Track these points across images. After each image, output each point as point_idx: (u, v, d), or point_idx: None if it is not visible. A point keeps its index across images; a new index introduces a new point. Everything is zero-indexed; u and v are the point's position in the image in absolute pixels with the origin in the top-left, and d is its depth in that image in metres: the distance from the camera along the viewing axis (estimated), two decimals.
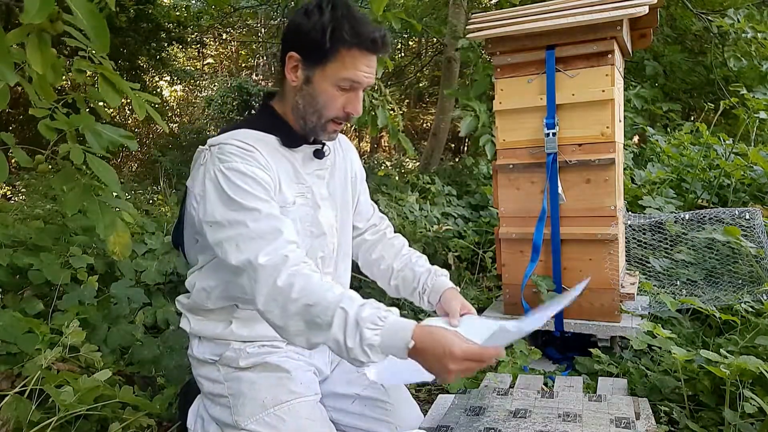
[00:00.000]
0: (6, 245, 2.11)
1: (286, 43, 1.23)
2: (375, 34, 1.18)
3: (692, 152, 4.05)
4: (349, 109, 1.24)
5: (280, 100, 1.30)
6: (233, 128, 1.27)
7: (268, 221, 1.12)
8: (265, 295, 1.06)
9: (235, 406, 1.27)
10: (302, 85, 1.23)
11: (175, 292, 2.68)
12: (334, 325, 1.01)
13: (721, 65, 5.07)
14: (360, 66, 1.19)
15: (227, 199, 1.13)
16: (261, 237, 1.10)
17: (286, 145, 1.27)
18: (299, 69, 1.22)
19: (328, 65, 1.19)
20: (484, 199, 4.41)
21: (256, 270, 1.07)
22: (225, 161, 1.16)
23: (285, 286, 1.05)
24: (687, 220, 2.83)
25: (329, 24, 1.16)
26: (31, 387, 1.48)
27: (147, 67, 8.61)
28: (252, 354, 1.30)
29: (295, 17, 1.22)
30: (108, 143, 1.61)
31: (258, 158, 1.19)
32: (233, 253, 1.10)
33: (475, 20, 2.43)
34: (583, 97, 2.15)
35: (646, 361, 2.03)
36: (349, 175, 1.46)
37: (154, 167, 8.92)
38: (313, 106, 1.23)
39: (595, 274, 2.21)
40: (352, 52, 1.18)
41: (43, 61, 1.27)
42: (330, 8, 1.17)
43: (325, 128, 1.26)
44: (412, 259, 1.51)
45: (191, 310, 1.36)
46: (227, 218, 1.12)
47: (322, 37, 1.16)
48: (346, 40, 1.16)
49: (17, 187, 5.37)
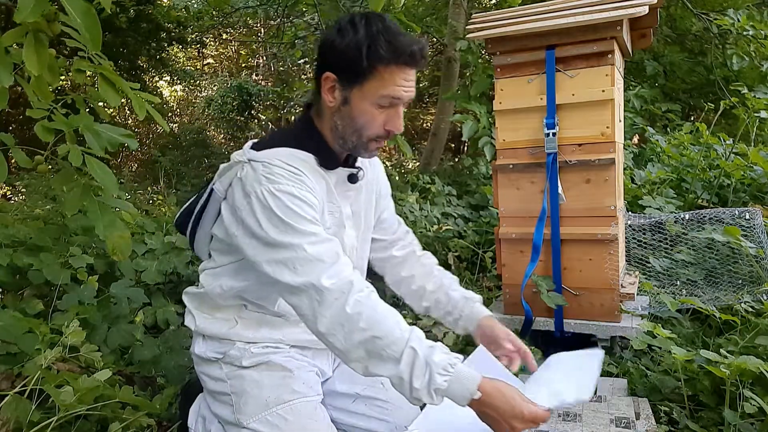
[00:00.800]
0: (6, 245, 2.11)
1: (321, 63, 1.20)
2: (413, 47, 1.14)
3: (692, 152, 4.05)
4: (389, 127, 1.20)
5: (319, 117, 1.27)
6: (273, 144, 1.23)
7: (326, 244, 1.12)
8: (330, 319, 1.06)
9: (237, 405, 1.27)
10: (340, 106, 1.19)
11: (175, 292, 2.68)
12: (402, 362, 1.03)
13: (721, 65, 5.06)
14: (399, 81, 1.16)
15: (279, 222, 1.11)
16: (320, 260, 1.09)
17: (323, 165, 1.25)
18: (336, 89, 1.18)
19: (365, 84, 1.15)
20: (484, 199, 4.41)
21: (321, 293, 1.07)
22: (274, 182, 1.13)
23: (353, 314, 1.05)
24: (687, 220, 2.83)
25: (365, 41, 1.12)
26: (31, 387, 1.48)
27: (147, 67, 8.60)
28: (256, 354, 1.30)
29: (328, 36, 1.18)
30: (107, 142, 1.61)
31: (306, 182, 1.17)
32: (289, 275, 1.09)
33: (475, 20, 2.43)
34: (583, 97, 2.15)
35: (646, 361, 2.03)
36: (374, 194, 1.45)
37: (154, 167, 8.92)
38: (353, 127, 1.20)
39: (595, 274, 2.21)
40: (390, 69, 1.14)
41: (39, 62, 1.27)
42: (364, 24, 1.14)
43: (367, 147, 1.24)
44: (445, 282, 1.50)
45: (198, 306, 1.36)
46: (281, 240, 1.10)
47: (358, 56, 1.12)
48: (384, 56, 1.12)
49: (17, 187, 5.36)
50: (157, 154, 9.50)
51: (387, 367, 1.05)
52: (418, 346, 1.04)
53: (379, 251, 1.55)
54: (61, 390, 1.48)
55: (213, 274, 1.34)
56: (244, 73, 14.11)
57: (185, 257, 2.67)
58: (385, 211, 1.53)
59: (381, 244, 1.54)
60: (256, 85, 11.82)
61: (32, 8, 1.08)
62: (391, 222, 1.55)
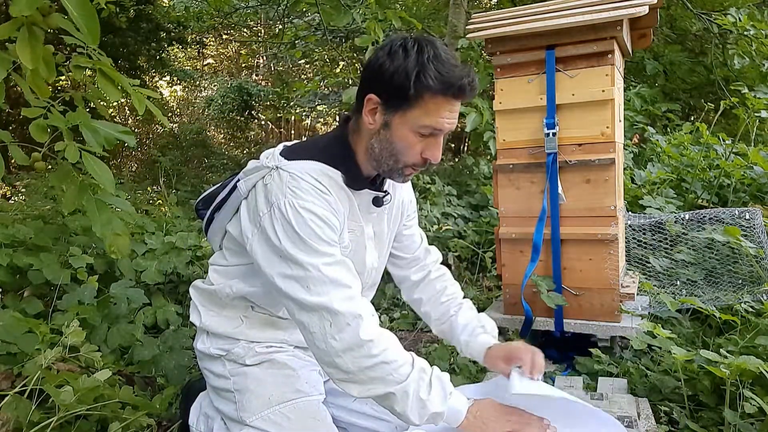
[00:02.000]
0: (6, 245, 2.11)
1: (366, 82, 1.17)
2: (463, 80, 1.11)
3: (692, 152, 4.05)
4: (427, 155, 1.18)
5: (354, 135, 1.24)
6: (304, 155, 1.21)
7: (340, 267, 1.12)
8: (342, 342, 1.08)
9: (240, 402, 1.27)
10: (380, 129, 1.17)
11: (176, 292, 2.68)
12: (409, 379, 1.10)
13: (722, 65, 5.06)
14: (443, 113, 1.13)
15: (298, 239, 1.11)
16: (333, 282, 1.10)
17: (350, 185, 1.23)
18: (377, 112, 1.16)
19: (409, 111, 1.13)
20: (484, 199, 4.41)
21: (334, 315, 1.08)
22: (299, 198, 1.13)
23: (367, 341, 1.08)
24: (687, 220, 2.82)
25: (414, 68, 1.09)
26: (31, 387, 1.48)
27: (147, 67, 8.59)
28: (260, 352, 1.31)
29: (377, 57, 1.15)
30: (105, 139, 1.61)
31: (331, 201, 1.17)
32: (302, 292, 1.10)
33: (475, 20, 2.43)
34: (583, 97, 2.15)
35: (646, 361, 2.02)
36: (398, 214, 1.44)
37: (154, 167, 8.91)
38: (390, 151, 1.18)
39: (595, 274, 2.21)
40: (436, 99, 1.11)
41: (33, 55, 1.26)
42: (416, 50, 1.11)
43: (402, 173, 1.22)
44: (451, 311, 1.49)
45: (205, 302, 1.36)
46: (297, 257, 1.10)
47: (406, 82, 1.09)
48: (432, 86, 1.09)
49: (17, 187, 5.36)
50: (157, 154, 9.50)
51: (387, 386, 1.10)
52: (425, 366, 1.13)
53: (397, 268, 1.55)
54: (61, 390, 1.48)
55: (224, 273, 1.33)
56: (244, 73, 14.11)
57: (185, 257, 2.67)
58: (410, 228, 1.51)
59: (400, 261, 1.54)
60: (256, 86, 11.82)
61: (27, 1, 1.08)
62: (410, 239, 1.53)
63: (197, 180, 8.05)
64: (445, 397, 1.12)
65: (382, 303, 3.10)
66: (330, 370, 1.12)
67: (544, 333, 2.34)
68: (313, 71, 11.38)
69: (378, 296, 3.09)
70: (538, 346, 2.20)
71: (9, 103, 4.16)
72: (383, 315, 2.96)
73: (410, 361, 1.11)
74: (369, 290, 1.44)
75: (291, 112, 10.93)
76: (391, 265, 1.54)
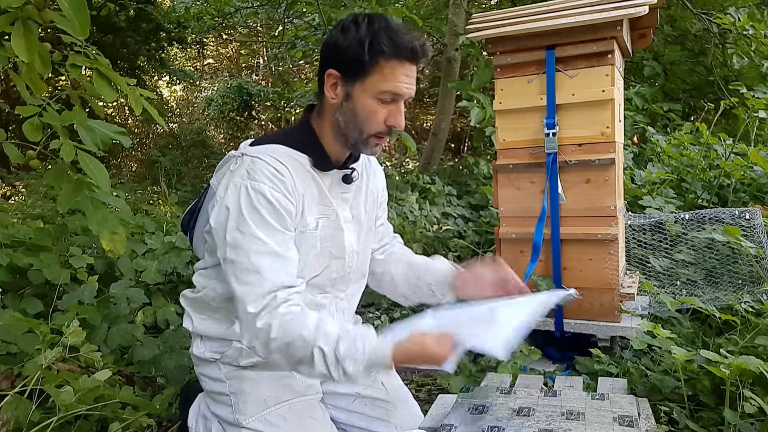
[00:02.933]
0: (6, 245, 2.11)
1: (324, 61, 1.22)
2: (414, 43, 1.16)
3: (692, 152, 4.05)
4: (391, 122, 1.21)
5: (319, 117, 1.28)
6: (271, 141, 1.25)
7: (269, 257, 1.14)
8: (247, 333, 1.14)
9: (236, 404, 1.27)
10: (342, 102, 1.21)
11: (175, 292, 2.68)
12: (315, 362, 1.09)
13: (721, 65, 5.06)
14: (400, 77, 1.18)
15: (240, 219, 1.14)
16: (257, 272, 1.12)
17: (317, 167, 1.26)
18: (338, 86, 1.20)
19: (367, 79, 1.17)
20: (484, 199, 4.41)
21: (243, 312, 1.13)
22: (253, 179, 1.16)
23: (264, 327, 1.11)
24: (687, 220, 2.82)
25: (366, 37, 1.14)
26: (31, 387, 1.48)
27: (147, 68, 8.59)
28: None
29: (332, 35, 1.20)
30: (100, 139, 1.60)
31: (287, 183, 1.18)
32: (232, 281, 1.15)
33: (475, 20, 2.42)
34: (583, 97, 2.15)
35: (646, 361, 2.02)
36: (374, 198, 1.45)
37: (153, 167, 8.91)
38: (354, 122, 1.21)
39: (595, 274, 2.21)
40: (391, 63, 1.16)
41: (29, 49, 1.26)
42: (366, 22, 1.16)
43: (368, 143, 1.24)
44: (411, 261, 1.50)
45: (196, 308, 1.36)
46: (234, 239, 1.14)
47: (361, 51, 1.14)
48: (385, 51, 1.14)
49: (17, 187, 5.37)
50: (157, 154, 9.50)
51: (305, 368, 1.13)
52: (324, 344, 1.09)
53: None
54: (61, 390, 1.48)
55: (205, 275, 1.34)
56: (245, 73, 14.11)
57: (185, 257, 2.67)
58: (380, 218, 1.53)
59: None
60: (257, 85, 11.82)
61: None
62: (383, 229, 1.55)
63: (197, 180, 8.05)
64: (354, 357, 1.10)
65: (382, 303, 3.10)
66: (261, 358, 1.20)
67: (544, 333, 2.34)
68: (312, 72, 11.38)
69: (378, 296, 3.08)
70: (538, 347, 2.22)
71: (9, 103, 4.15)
72: (383, 315, 2.96)
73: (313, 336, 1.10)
74: (358, 281, 1.43)
75: (291, 112, 10.93)
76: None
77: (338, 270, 1.32)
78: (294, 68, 11.95)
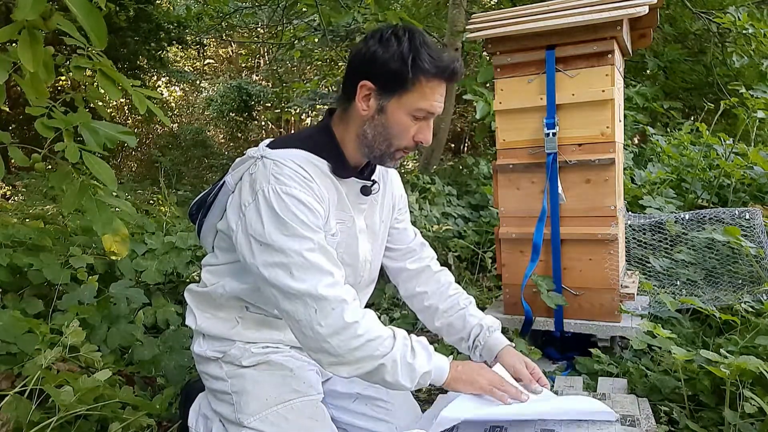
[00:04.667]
0: (6, 245, 2.11)
1: (357, 71, 1.20)
2: (454, 64, 1.17)
3: (692, 152, 4.05)
4: (419, 138, 1.22)
5: (342, 124, 1.26)
6: (290, 144, 1.24)
7: (323, 253, 1.14)
8: (327, 327, 1.10)
9: (238, 404, 1.27)
10: (374, 115, 1.20)
11: (176, 292, 2.68)
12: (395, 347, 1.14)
13: (721, 64, 5.06)
14: (436, 96, 1.19)
15: (281, 224, 1.12)
16: (318, 267, 1.11)
17: (336, 174, 1.25)
18: (371, 98, 1.19)
19: (405, 95, 1.17)
20: (484, 199, 4.41)
21: (318, 301, 1.10)
22: (282, 184, 1.14)
23: (352, 323, 1.10)
24: (687, 220, 2.82)
25: (409, 54, 1.14)
26: (31, 387, 1.48)
27: (147, 68, 8.59)
28: (256, 353, 1.31)
29: (368, 46, 1.18)
30: (105, 139, 1.61)
31: (314, 188, 1.18)
32: (286, 279, 1.10)
33: (475, 20, 2.42)
34: (583, 97, 2.15)
35: (646, 361, 2.02)
36: (389, 207, 1.45)
37: (153, 167, 8.92)
38: (384, 135, 1.21)
39: (595, 274, 2.21)
40: (431, 83, 1.17)
41: (35, 59, 1.27)
42: (408, 38, 1.16)
43: (393, 156, 1.25)
44: (461, 303, 1.48)
45: (200, 304, 1.36)
46: (281, 244, 1.11)
47: (403, 67, 1.14)
48: (427, 69, 1.14)
49: (17, 187, 5.37)
50: (157, 154, 9.51)
51: (375, 361, 1.12)
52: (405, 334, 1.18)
53: (391, 260, 1.54)
54: (61, 390, 1.48)
55: (216, 272, 1.33)
56: (245, 73, 14.11)
57: (185, 257, 2.67)
58: (401, 222, 1.52)
59: (394, 254, 1.53)
60: (256, 85, 11.82)
61: (32, 5, 1.08)
62: (404, 233, 1.53)
63: (197, 180, 8.06)
64: (429, 357, 1.18)
65: (382, 303, 3.10)
66: (318, 356, 1.14)
67: (544, 333, 2.34)
68: (312, 72, 11.39)
69: (378, 296, 3.09)
70: (538, 347, 2.22)
71: (9, 103, 4.15)
72: (383, 315, 2.96)
73: (391, 334, 1.16)
74: (366, 287, 1.43)
75: (291, 112, 10.93)
76: (386, 259, 1.53)
77: (348, 277, 1.32)
78: (294, 68, 11.95)
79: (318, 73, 9.95)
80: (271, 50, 11.35)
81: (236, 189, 1.23)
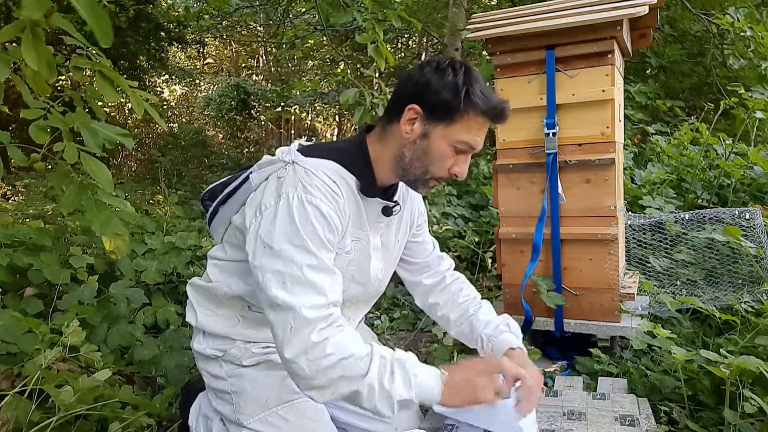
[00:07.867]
0: (6, 245, 2.11)
1: (407, 94, 1.20)
2: (503, 105, 1.19)
3: (692, 152, 4.05)
4: (455, 171, 1.22)
5: (380, 143, 1.26)
6: (323, 154, 1.22)
7: (325, 273, 1.10)
8: (296, 346, 1.05)
9: (237, 404, 1.27)
10: (417, 139, 1.20)
11: (176, 292, 2.68)
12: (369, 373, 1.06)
13: (721, 65, 5.06)
14: (480, 132, 1.20)
15: (294, 233, 1.10)
16: (311, 286, 1.07)
17: (362, 191, 1.24)
18: (417, 122, 1.19)
19: (451, 125, 1.17)
20: (484, 199, 4.41)
21: (297, 319, 1.05)
22: (309, 193, 1.13)
23: (319, 341, 1.04)
24: (687, 220, 2.82)
25: (463, 86, 1.15)
26: (31, 387, 1.48)
27: (147, 67, 8.59)
28: (256, 353, 1.31)
29: (423, 72, 1.19)
30: (104, 140, 1.60)
31: (339, 203, 1.17)
32: (277, 289, 1.07)
33: (474, 20, 2.42)
34: (583, 97, 2.15)
35: (646, 361, 2.02)
36: (407, 225, 1.44)
37: (153, 167, 8.92)
38: (422, 161, 1.21)
39: (595, 274, 2.21)
40: (479, 119, 1.18)
41: (38, 57, 1.27)
42: (464, 71, 1.17)
43: (427, 183, 1.25)
44: (470, 311, 1.49)
45: (201, 299, 1.36)
46: (285, 252, 1.09)
47: (455, 97, 1.15)
48: (477, 104, 1.16)
49: (17, 187, 5.37)
50: (157, 154, 9.51)
51: (351, 383, 1.06)
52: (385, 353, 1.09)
53: (408, 273, 1.55)
54: (61, 390, 1.48)
55: (223, 269, 1.33)
56: (245, 73, 14.11)
57: (185, 257, 2.67)
58: (420, 236, 1.52)
59: (411, 267, 1.54)
60: (255, 84, 11.81)
61: (36, 4, 1.08)
62: (421, 247, 1.54)
63: (197, 180, 8.06)
64: (409, 381, 1.08)
65: (383, 303, 3.10)
66: (293, 378, 1.09)
67: (544, 333, 2.34)
68: (312, 72, 11.39)
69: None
70: (538, 347, 2.21)
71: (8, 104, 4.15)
72: (383, 315, 2.96)
73: (368, 353, 1.08)
74: (372, 299, 1.44)
75: (290, 112, 10.93)
76: (403, 271, 1.54)
77: (356, 294, 1.32)
78: (293, 68, 11.95)
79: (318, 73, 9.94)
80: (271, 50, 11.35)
81: (259, 188, 1.22)
